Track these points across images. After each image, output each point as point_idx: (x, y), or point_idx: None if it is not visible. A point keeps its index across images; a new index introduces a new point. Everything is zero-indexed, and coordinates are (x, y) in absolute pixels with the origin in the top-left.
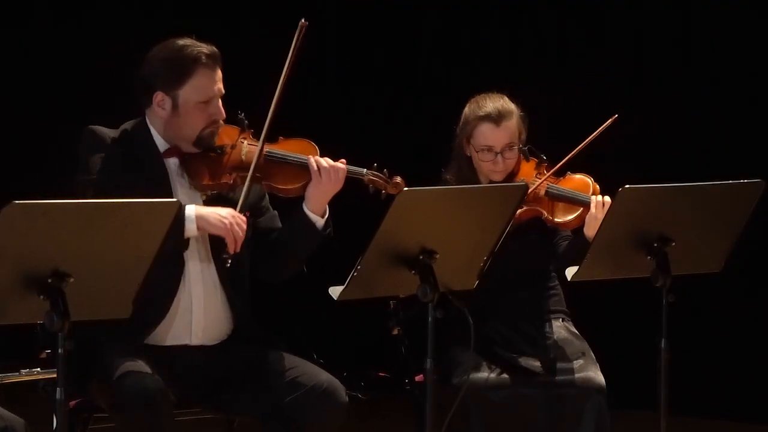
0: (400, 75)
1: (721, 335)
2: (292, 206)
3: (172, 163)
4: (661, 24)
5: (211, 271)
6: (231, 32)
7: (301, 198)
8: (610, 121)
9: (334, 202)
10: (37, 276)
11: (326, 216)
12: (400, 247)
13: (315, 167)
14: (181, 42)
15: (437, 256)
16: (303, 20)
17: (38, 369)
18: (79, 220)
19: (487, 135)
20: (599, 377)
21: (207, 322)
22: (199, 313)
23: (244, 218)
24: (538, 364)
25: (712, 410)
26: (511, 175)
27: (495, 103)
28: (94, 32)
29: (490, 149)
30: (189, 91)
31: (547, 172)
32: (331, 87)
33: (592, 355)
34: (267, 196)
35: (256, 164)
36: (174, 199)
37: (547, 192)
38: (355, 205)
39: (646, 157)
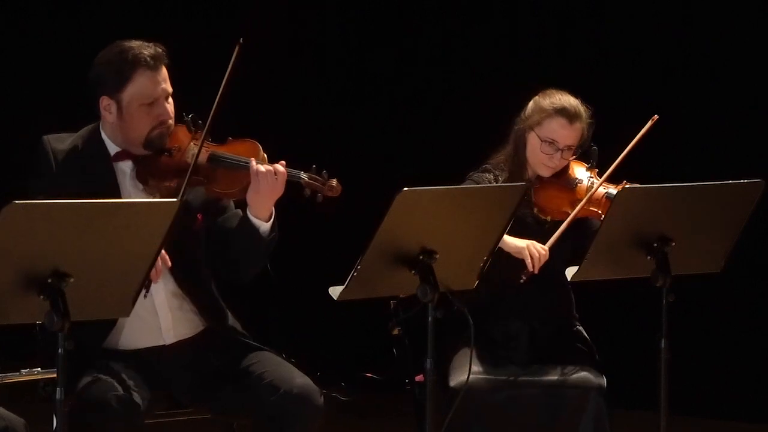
0: (400, 76)
1: (721, 335)
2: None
3: (126, 166)
4: (662, 23)
5: (170, 278)
6: (230, 32)
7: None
8: (650, 122)
9: (335, 203)
10: (37, 276)
11: (272, 220)
12: (400, 247)
13: (254, 170)
14: (123, 44)
15: (437, 256)
16: (241, 40)
17: (39, 369)
18: (79, 220)
19: (557, 129)
20: (599, 378)
21: (176, 320)
22: (165, 315)
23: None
24: (538, 364)
25: (712, 410)
26: (559, 174)
27: (572, 101)
28: (96, 32)
29: (553, 143)
30: (131, 94)
31: (595, 175)
32: (330, 88)
33: (595, 356)
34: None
35: (193, 167)
36: (174, 199)
37: (606, 195)
38: (355, 204)
39: (646, 157)
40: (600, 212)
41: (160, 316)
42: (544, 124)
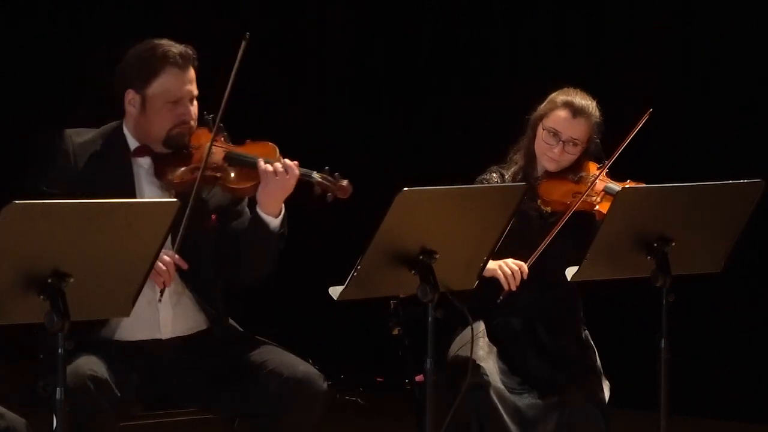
0: (400, 76)
1: (721, 335)
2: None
3: (144, 162)
4: (662, 23)
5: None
6: (232, 32)
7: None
8: (645, 116)
9: (335, 202)
10: (37, 276)
11: (281, 216)
12: (400, 247)
13: (263, 169)
14: (155, 41)
15: (437, 256)
16: (247, 35)
17: None
18: (79, 220)
19: (559, 120)
20: (601, 393)
21: (176, 315)
22: (165, 309)
23: (170, 254)
24: (542, 368)
25: (712, 410)
26: (568, 170)
27: (581, 99)
28: (95, 32)
29: (556, 134)
30: (156, 90)
31: (605, 174)
32: (330, 87)
33: (599, 366)
34: (246, 199)
35: (206, 163)
36: (174, 199)
37: (605, 189)
38: (355, 205)
39: (646, 157)
40: (594, 203)
41: (160, 310)
42: (550, 115)
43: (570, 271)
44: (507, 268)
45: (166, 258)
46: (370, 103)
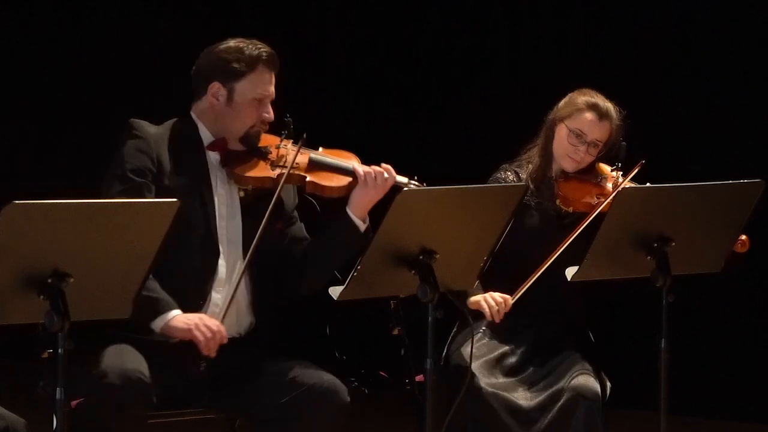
0: (400, 76)
1: (721, 335)
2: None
3: (213, 158)
4: (662, 23)
5: (239, 272)
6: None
7: (341, 201)
8: (637, 166)
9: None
10: (37, 276)
11: (367, 222)
12: (400, 247)
13: (361, 172)
14: (243, 40)
15: (437, 256)
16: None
17: None
18: (79, 220)
19: (585, 122)
20: (595, 385)
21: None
22: (213, 310)
23: (214, 321)
24: (542, 365)
25: (712, 410)
26: (584, 171)
27: (605, 102)
28: (95, 34)
29: (581, 135)
30: (246, 86)
31: (620, 176)
32: (331, 86)
33: (598, 362)
34: (295, 210)
35: (294, 162)
36: (174, 200)
37: None
38: None
39: (646, 157)
40: None
41: (210, 302)
42: (574, 116)
43: (570, 271)
44: (492, 301)
45: (214, 327)
46: (369, 103)
